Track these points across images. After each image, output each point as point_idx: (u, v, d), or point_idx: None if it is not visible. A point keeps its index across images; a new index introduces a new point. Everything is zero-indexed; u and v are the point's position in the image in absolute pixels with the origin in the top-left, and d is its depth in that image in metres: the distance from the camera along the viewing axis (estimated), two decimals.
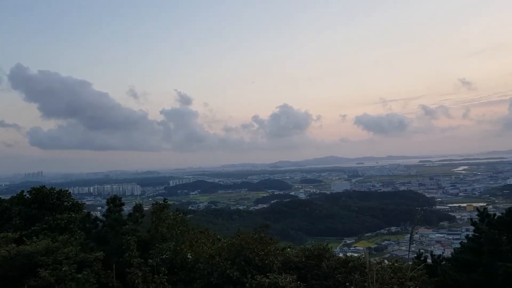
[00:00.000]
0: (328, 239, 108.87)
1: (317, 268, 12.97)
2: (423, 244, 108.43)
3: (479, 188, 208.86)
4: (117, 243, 14.17)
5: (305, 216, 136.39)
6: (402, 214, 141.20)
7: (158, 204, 15.63)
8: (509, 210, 15.89)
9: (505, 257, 13.99)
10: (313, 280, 12.67)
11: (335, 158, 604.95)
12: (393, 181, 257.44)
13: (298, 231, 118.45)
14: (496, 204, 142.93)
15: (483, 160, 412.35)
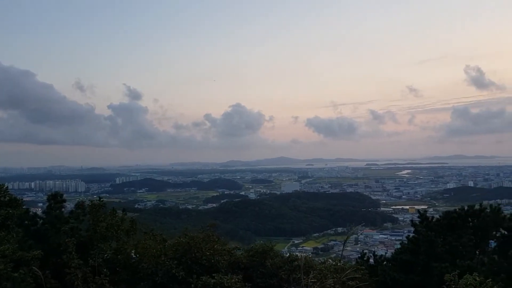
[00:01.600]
0: (277, 239, 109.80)
1: (262, 267, 13.06)
2: (367, 245, 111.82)
3: (421, 192, 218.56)
4: (57, 242, 13.62)
5: (255, 216, 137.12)
6: (348, 215, 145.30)
7: (94, 204, 15.06)
8: (446, 213, 16.75)
9: (440, 258, 14.71)
10: (258, 279, 12.75)
11: (286, 159, 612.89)
12: (341, 183, 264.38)
13: (247, 231, 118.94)
14: (436, 207, 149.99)
15: (425, 165, 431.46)
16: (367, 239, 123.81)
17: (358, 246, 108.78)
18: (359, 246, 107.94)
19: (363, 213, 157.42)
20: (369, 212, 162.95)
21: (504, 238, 15.34)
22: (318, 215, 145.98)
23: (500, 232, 15.69)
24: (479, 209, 15.85)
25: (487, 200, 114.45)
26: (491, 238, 15.95)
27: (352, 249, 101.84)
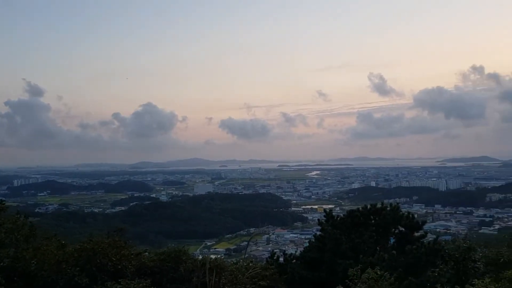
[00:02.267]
0: (189, 242, 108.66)
1: (174, 272, 12.72)
2: (278, 244, 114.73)
3: (329, 192, 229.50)
4: None
5: (166, 218, 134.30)
6: (261, 216, 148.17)
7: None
8: (350, 212, 17.62)
9: (344, 254, 15.42)
10: (169, 284, 12.39)
11: (200, 160, 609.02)
12: (254, 184, 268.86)
13: (158, 234, 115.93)
14: (342, 206, 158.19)
15: (333, 166, 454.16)
16: (278, 239, 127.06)
17: (269, 245, 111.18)
18: (270, 245, 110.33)
19: (275, 213, 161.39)
20: (281, 212, 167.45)
21: (402, 235, 16.49)
22: (231, 216, 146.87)
23: (398, 229, 16.81)
24: (380, 207, 16.85)
25: (387, 199, 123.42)
26: (390, 235, 17.02)
27: (264, 249, 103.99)
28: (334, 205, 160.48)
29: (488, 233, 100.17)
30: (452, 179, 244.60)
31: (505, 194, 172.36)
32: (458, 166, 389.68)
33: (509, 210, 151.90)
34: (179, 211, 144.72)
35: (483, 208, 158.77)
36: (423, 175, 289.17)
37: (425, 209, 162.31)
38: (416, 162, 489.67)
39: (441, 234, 66.08)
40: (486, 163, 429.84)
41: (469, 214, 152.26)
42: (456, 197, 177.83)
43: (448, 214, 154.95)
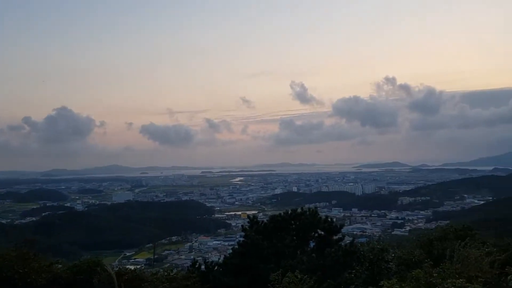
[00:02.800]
0: (107, 253, 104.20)
1: (87, 284, 12.03)
2: (201, 252, 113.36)
3: (252, 198, 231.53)
4: None
5: (82, 229, 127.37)
6: (183, 223, 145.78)
7: None
8: (272, 217, 17.86)
9: (267, 259, 15.57)
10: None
11: (119, 167, 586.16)
12: (176, 191, 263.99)
13: (73, 245, 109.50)
14: (265, 211, 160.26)
15: (256, 172, 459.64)
16: (201, 246, 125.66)
17: (192, 254, 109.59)
18: (193, 254, 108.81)
19: (198, 221, 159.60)
20: (204, 219, 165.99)
21: (321, 238, 16.99)
22: (152, 225, 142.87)
23: (318, 232, 17.30)
24: (300, 212, 17.25)
25: (308, 203, 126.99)
26: (310, 239, 17.46)
27: (186, 257, 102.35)
28: (258, 211, 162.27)
29: (400, 235, 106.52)
30: (367, 184, 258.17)
31: (414, 198, 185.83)
32: (373, 171, 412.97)
33: (419, 213, 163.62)
34: (96, 221, 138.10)
35: (395, 211, 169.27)
36: (341, 180, 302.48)
37: (343, 212, 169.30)
38: (335, 167, 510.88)
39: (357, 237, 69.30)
40: (398, 169, 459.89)
41: (383, 217, 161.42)
42: (371, 201, 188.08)
43: (364, 217, 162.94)
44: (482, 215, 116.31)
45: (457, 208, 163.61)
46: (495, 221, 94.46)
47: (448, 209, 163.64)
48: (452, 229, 14.13)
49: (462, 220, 54.50)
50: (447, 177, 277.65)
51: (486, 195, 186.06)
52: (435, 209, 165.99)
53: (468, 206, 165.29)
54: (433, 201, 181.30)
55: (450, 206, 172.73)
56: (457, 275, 7.42)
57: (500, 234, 36.16)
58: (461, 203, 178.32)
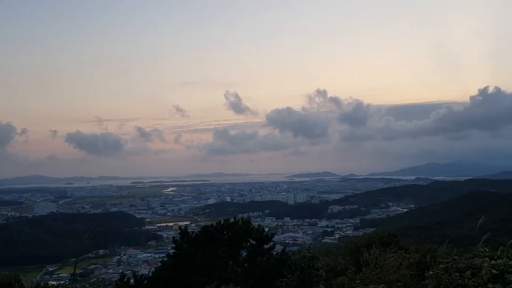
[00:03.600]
0: (28, 268, 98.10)
1: None
2: (131, 265, 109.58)
3: (185, 208, 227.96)
4: None
5: (0, 243, 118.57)
6: (111, 236, 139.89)
7: None
8: (204, 228, 17.53)
9: (199, 271, 15.24)
10: None
11: (41, 177, 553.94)
12: (104, 203, 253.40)
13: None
14: (198, 222, 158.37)
15: (189, 182, 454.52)
16: (130, 259, 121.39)
17: (120, 267, 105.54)
18: (122, 267, 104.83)
19: (127, 233, 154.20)
20: (134, 231, 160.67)
21: (253, 248, 16.93)
22: (78, 237, 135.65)
23: (250, 242, 17.24)
24: (232, 222, 17.09)
25: (241, 213, 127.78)
26: (243, 248, 17.35)
27: (114, 271, 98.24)
28: (190, 222, 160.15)
29: (330, 242, 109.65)
30: (299, 193, 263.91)
31: (343, 206, 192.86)
32: (304, 181, 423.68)
33: (347, 220, 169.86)
34: (16, 234, 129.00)
35: (325, 219, 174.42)
36: (274, 190, 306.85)
37: (276, 221, 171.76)
38: (268, 177, 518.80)
39: (289, 245, 70.41)
40: (328, 178, 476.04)
41: (314, 225, 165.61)
42: (303, 209, 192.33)
43: (296, 225, 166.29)
44: (405, 222, 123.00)
45: (382, 216, 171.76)
46: (417, 228, 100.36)
47: (374, 217, 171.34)
48: (378, 236, 14.66)
49: (387, 227, 57.22)
50: (373, 186, 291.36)
51: (409, 203, 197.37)
52: (362, 217, 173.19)
53: (392, 213, 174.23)
54: (361, 209, 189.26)
55: (376, 214, 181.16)
56: (378, 280, 7.66)
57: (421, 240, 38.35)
58: (386, 211, 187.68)
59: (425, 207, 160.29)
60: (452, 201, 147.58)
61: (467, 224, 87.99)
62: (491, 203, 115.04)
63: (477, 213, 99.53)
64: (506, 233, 43.69)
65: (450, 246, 10.91)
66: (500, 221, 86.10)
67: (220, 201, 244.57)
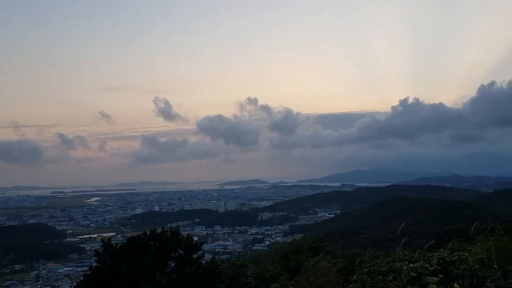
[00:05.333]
0: None
1: None
2: (50, 280, 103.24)
3: (110, 219, 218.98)
4: None
5: None
6: (28, 250, 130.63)
7: None
8: (130, 239, 16.85)
9: (125, 284, 14.59)
10: None
11: None
12: (21, 214, 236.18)
13: None
14: (124, 233, 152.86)
15: (115, 191, 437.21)
16: (50, 274, 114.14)
17: (39, 283, 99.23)
18: (40, 283, 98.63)
19: (46, 246, 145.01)
20: (54, 244, 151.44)
21: (182, 258, 16.55)
22: None
23: (178, 252, 16.84)
24: (160, 232, 16.58)
25: (171, 223, 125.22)
26: (171, 259, 16.91)
27: (33, 287, 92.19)
28: (116, 233, 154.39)
29: (260, 249, 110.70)
30: (230, 201, 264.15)
31: (273, 213, 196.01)
32: (235, 188, 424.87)
33: (277, 227, 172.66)
34: None
35: (256, 226, 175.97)
36: (204, 198, 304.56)
37: (206, 230, 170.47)
38: (198, 185, 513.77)
39: (219, 254, 70.17)
40: (258, 186, 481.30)
41: (244, 233, 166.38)
42: (233, 217, 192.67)
43: (226, 234, 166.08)
44: (332, 227, 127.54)
45: (310, 222, 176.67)
46: (343, 232, 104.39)
47: (303, 223, 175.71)
48: (306, 242, 14.95)
49: (315, 233, 58.88)
50: (302, 193, 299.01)
51: (335, 209, 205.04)
52: (291, 223, 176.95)
53: (320, 219, 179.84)
54: (290, 215, 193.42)
55: (305, 220, 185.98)
56: (309, 287, 7.78)
57: (347, 244, 39.84)
58: (314, 216, 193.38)
59: (350, 212, 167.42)
60: (374, 206, 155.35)
61: (388, 228, 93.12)
62: (409, 208, 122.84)
63: (397, 218, 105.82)
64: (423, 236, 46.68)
65: (373, 250, 11.37)
66: (417, 224, 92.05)
67: (148, 210, 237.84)
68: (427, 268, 5.68)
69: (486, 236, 7.16)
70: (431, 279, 5.38)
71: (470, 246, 7.61)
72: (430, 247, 7.94)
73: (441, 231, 39.84)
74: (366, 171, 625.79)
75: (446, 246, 8.41)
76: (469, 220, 33.11)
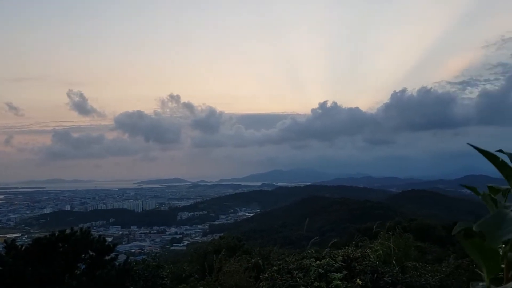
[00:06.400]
0: None
1: None
2: None
3: (14, 218, 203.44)
4: None
5: None
6: None
7: None
8: (36, 240, 15.85)
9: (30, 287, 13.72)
10: None
11: None
12: None
13: None
14: (31, 234, 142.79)
15: (21, 189, 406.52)
16: None
17: None
18: None
19: None
20: None
21: (93, 260, 15.88)
22: None
23: (89, 254, 16.15)
24: (69, 233, 15.80)
25: (82, 223, 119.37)
26: (81, 261, 16.18)
27: None
28: (21, 233, 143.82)
29: (178, 249, 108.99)
30: (148, 200, 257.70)
31: (193, 212, 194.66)
32: (154, 187, 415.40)
33: (196, 227, 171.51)
34: None
35: (174, 226, 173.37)
36: (120, 197, 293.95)
37: (122, 231, 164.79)
38: (115, 184, 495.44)
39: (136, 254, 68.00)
40: (178, 184, 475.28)
41: (163, 233, 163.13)
42: (151, 217, 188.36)
43: (143, 234, 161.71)
44: (251, 226, 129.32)
45: (230, 221, 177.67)
46: (262, 231, 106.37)
47: (223, 222, 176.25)
48: (224, 241, 15.03)
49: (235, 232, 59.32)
50: (223, 192, 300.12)
51: (255, 208, 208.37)
52: (211, 223, 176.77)
53: (240, 218, 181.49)
54: (210, 215, 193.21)
55: (225, 219, 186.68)
56: (219, 286, 7.84)
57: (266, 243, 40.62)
58: (234, 216, 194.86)
59: (269, 211, 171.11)
60: (293, 205, 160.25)
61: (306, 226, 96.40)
62: (325, 207, 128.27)
63: (314, 216, 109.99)
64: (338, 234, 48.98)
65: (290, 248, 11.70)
66: (332, 222, 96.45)
67: (58, 210, 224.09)
68: (333, 265, 5.98)
69: (387, 233, 7.69)
70: (336, 275, 5.67)
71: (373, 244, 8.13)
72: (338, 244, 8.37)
73: (353, 229, 42.07)
74: (286, 171, 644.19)
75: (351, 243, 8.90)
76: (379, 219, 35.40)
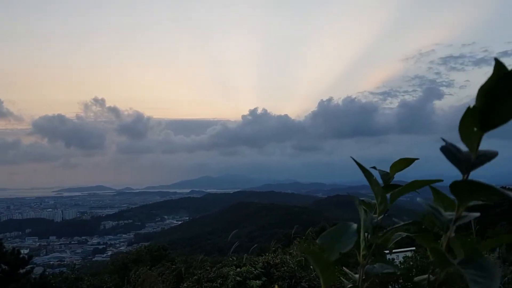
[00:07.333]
0: None
1: None
2: None
3: None
4: None
5: None
6: None
7: None
8: None
9: None
10: None
11: None
12: None
13: None
14: None
15: None
16: None
17: None
18: None
19: None
20: None
21: (5, 274, 14.95)
22: None
23: (1, 267, 15.18)
24: None
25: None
26: None
27: None
28: None
29: (101, 260, 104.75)
30: (68, 209, 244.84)
31: (118, 221, 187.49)
32: (74, 195, 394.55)
33: (121, 236, 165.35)
34: None
35: (97, 236, 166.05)
36: (38, 206, 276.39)
37: (39, 241, 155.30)
38: (31, 192, 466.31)
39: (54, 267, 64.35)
40: (102, 192, 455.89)
41: (84, 243, 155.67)
42: (72, 227, 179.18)
43: (63, 245, 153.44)
44: (180, 234, 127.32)
45: (157, 229, 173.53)
46: (190, 239, 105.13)
47: (149, 231, 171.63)
48: (147, 251, 14.76)
49: (161, 241, 58.06)
50: (149, 200, 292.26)
51: (183, 215, 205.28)
52: (137, 232, 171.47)
53: (167, 226, 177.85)
54: (136, 223, 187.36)
55: (152, 227, 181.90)
56: None
57: (194, 251, 40.23)
58: (162, 224, 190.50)
59: (198, 218, 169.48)
60: (222, 211, 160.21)
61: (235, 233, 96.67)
62: (254, 213, 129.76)
63: (243, 222, 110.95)
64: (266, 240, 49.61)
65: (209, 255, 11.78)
66: (261, 228, 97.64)
67: None
68: (252, 272, 6.16)
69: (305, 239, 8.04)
70: (255, 283, 5.86)
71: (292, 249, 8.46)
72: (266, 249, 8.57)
73: (281, 234, 42.94)
74: (216, 178, 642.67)
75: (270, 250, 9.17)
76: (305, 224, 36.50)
